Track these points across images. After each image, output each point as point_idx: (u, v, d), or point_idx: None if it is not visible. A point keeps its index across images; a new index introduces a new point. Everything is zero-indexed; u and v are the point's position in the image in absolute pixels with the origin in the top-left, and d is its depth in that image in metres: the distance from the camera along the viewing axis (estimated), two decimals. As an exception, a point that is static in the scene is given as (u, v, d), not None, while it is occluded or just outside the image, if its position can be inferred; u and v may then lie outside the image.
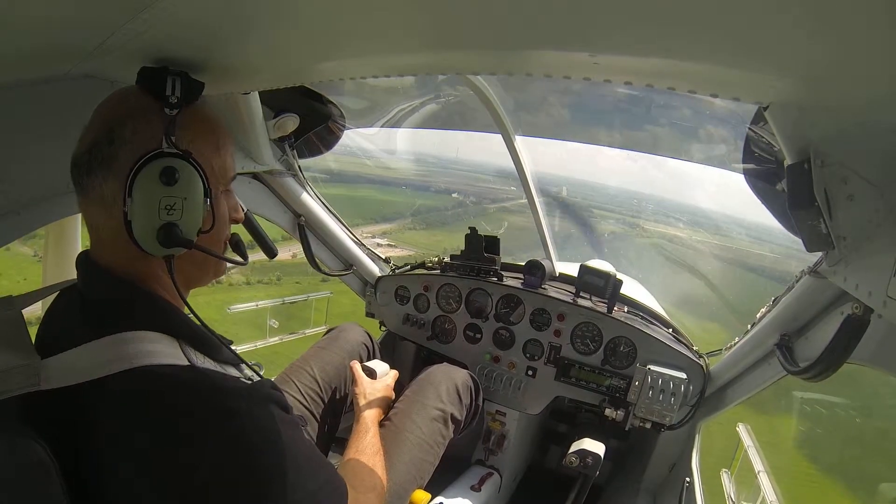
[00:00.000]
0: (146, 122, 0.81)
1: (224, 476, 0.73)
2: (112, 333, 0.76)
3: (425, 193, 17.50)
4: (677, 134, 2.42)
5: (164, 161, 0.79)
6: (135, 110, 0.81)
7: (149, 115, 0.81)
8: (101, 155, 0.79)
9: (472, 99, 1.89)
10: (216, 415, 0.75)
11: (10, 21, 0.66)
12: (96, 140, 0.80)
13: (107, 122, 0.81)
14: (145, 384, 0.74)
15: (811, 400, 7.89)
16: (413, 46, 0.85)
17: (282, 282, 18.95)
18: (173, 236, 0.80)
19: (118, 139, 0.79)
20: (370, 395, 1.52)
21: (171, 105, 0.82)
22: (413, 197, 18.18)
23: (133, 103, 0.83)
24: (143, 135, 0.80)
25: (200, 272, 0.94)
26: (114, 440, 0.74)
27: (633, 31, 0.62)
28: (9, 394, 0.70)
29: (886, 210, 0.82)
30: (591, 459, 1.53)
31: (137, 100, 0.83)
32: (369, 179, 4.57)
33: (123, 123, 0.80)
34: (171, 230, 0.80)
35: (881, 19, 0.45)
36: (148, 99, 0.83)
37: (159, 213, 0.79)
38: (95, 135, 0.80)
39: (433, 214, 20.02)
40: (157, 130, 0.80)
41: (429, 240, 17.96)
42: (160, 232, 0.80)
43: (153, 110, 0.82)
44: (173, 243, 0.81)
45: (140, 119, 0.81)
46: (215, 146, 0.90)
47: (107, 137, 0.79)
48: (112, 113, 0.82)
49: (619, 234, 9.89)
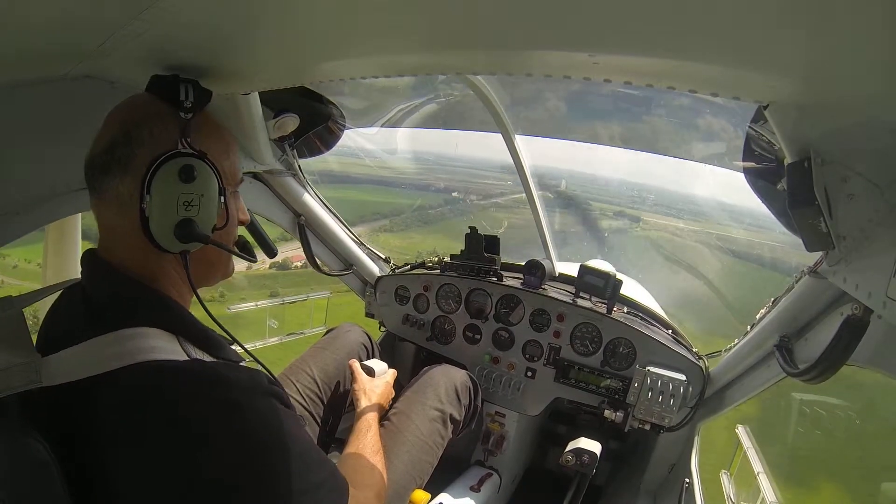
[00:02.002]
0: (162, 125, 0.84)
1: (229, 469, 0.74)
2: (112, 330, 0.76)
3: (405, 192, 17.00)
4: (677, 131, 2.42)
5: (181, 160, 0.83)
6: (151, 114, 0.85)
7: (164, 118, 0.85)
8: (119, 155, 0.82)
9: (471, 98, 1.89)
10: (219, 408, 0.75)
11: (11, 22, 0.66)
12: (113, 142, 0.82)
13: (123, 124, 0.83)
14: (147, 379, 0.74)
15: (809, 401, 7.90)
16: (413, 46, 0.86)
17: (225, 298, 18.33)
18: (190, 231, 0.84)
19: (135, 141, 0.82)
20: (370, 393, 1.52)
21: (186, 109, 0.86)
22: (394, 196, 17.68)
23: (149, 108, 0.86)
24: (159, 137, 0.83)
25: (210, 271, 0.97)
26: (116, 435, 0.74)
27: (633, 31, 0.62)
28: (9, 391, 0.70)
29: (886, 210, 0.82)
30: (587, 458, 1.53)
31: (152, 105, 0.87)
32: (346, 178, 4.45)
33: (140, 126, 0.83)
34: (188, 225, 0.84)
35: (880, 19, 0.45)
36: (162, 104, 0.87)
37: (177, 209, 0.83)
38: (112, 137, 0.83)
39: (413, 214, 19.25)
40: (173, 133, 0.84)
41: (402, 242, 17.50)
42: (178, 227, 0.83)
43: (168, 114, 0.86)
44: (190, 238, 0.85)
45: (156, 122, 0.84)
46: (225, 149, 0.94)
47: (124, 139, 0.82)
48: (128, 116, 0.85)
49: (619, 228, 9.81)
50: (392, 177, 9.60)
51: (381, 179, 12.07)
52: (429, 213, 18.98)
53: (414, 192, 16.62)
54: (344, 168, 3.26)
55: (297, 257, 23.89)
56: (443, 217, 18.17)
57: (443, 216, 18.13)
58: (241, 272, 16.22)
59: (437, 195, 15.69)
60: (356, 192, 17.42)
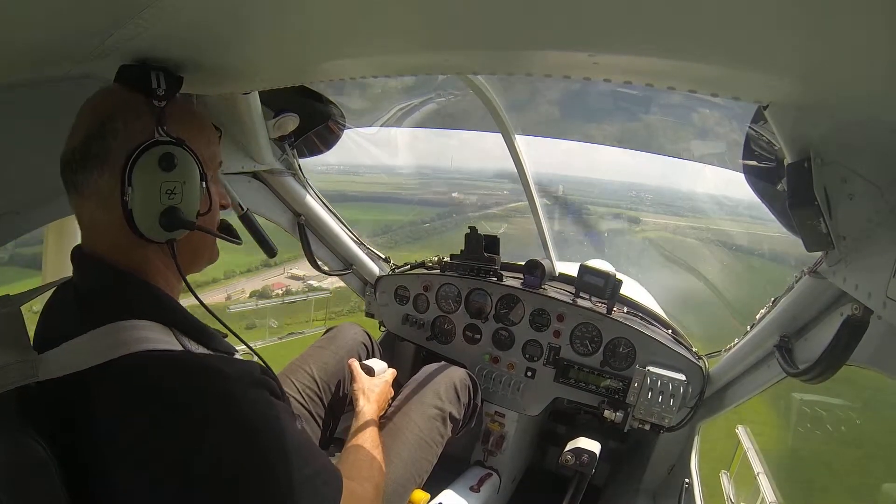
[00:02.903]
0: (135, 115, 0.83)
1: (225, 460, 0.74)
2: (106, 324, 0.76)
3: (390, 207, 16.68)
4: (676, 130, 2.43)
5: (160, 148, 0.82)
6: (122, 105, 0.84)
7: (137, 108, 0.84)
8: (94, 150, 0.81)
9: (471, 98, 1.89)
10: (214, 398, 0.75)
11: (10, 22, 0.66)
12: (87, 137, 0.81)
13: (96, 118, 0.82)
14: (142, 369, 0.74)
15: (810, 401, 7.87)
16: (413, 46, 0.85)
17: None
18: (176, 219, 0.84)
19: (110, 133, 0.81)
20: (369, 393, 1.52)
21: (159, 97, 0.85)
22: (378, 212, 17.31)
23: (119, 99, 0.85)
24: (134, 127, 0.82)
25: (196, 257, 0.97)
26: (113, 427, 0.74)
27: (633, 32, 0.62)
28: (6, 388, 0.70)
29: (886, 210, 0.81)
30: (586, 457, 1.53)
31: (122, 95, 0.85)
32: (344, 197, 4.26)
33: (113, 118, 0.82)
34: (173, 213, 0.84)
35: (880, 19, 0.45)
36: (133, 94, 0.85)
37: (161, 197, 0.82)
38: (86, 132, 0.81)
39: (395, 232, 18.81)
40: (148, 122, 0.83)
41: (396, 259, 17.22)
42: (163, 216, 0.83)
43: (141, 104, 0.84)
44: (176, 226, 0.84)
45: (129, 113, 0.83)
46: (202, 134, 0.93)
47: (98, 133, 0.81)
48: (99, 110, 0.83)
49: (618, 229, 9.79)
50: (388, 192, 9.54)
51: (372, 196, 11.93)
52: (423, 227, 18.70)
53: (406, 207, 16.38)
54: (339, 187, 3.26)
55: (277, 284, 22.93)
56: (436, 231, 17.93)
57: (435, 230, 17.88)
58: (220, 304, 15.68)
59: (431, 208, 15.49)
60: (354, 212, 17.17)
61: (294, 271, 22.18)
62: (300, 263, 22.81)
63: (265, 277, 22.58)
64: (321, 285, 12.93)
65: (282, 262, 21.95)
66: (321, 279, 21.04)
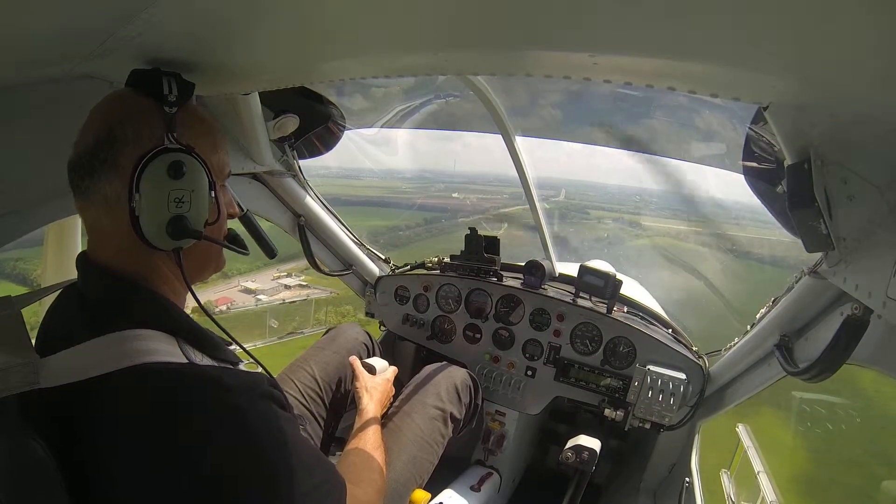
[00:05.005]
0: (146, 121, 0.82)
1: (229, 472, 0.73)
2: (111, 332, 0.76)
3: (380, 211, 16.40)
4: (676, 132, 2.43)
5: (170, 156, 0.81)
6: (133, 111, 0.82)
7: (148, 114, 0.82)
8: (104, 156, 0.79)
9: (471, 97, 1.89)
10: (219, 411, 0.75)
11: (11, 22, 0.66)
12: (96, 142, 0.80)
13: (105, 123, 0.81)
14: (146, 381, 0.74)
15: (811, 400, 7.86)
16: (413, 46, 0.86)
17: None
18: (183, 228, 0.82)
19: (120, 140, 0.80)
20: (371, 390, 1.52)
21: (170, 104, 0.83)
22: (364, 217, 16.98)
23: (130, 104, 0.84)
24: (144, 133, 0.81)
25: (203, 266, 0.96)
26: (115, 438, 0.73)
27: (633, 32, 0.62)
28: (8, 392, 0.70)
29: (886, 210, 0.81)
30: (587, 454, 1.54)
31: (133, 101, 0.84)
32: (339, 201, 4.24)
33: (123, 124, 0.81)
34: (180, 222, 0.82)
35: (880, 19, 0.45)
36: (144, 99, 0.84)
37: (168, 206, 0.81)
38: (95, 137, 0.80)
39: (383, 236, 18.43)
40: (158, 128, 0.82)
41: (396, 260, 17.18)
42: (170, 224, 0.81)
43: (152, 109, 0.83)
44: (183, 235, 0.83)
45: (139, 119, 0.82)
46: (212, 141, 0.92)
47: (107, 138, 0.80)
48: (109, 115, 0.82)
49: (620, 233, 9.81)
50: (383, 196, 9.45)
51: (367, 200, 11.82)
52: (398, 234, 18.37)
53: (401, 211, 16.14)
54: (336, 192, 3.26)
55: (223, 300, 20.71)
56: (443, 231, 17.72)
57: (430, 234, 17.66)
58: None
59: (427, 212, 15.26)
60: (354, 218, 17.11)
61: (247, 284, 20.83)
62: (257, 275, 21.33)
63: (218, 290, 20.62)
64: (271, 299, 12.39)
65: (235, 275, 20.62)
66: (273, 294, 20.52)
